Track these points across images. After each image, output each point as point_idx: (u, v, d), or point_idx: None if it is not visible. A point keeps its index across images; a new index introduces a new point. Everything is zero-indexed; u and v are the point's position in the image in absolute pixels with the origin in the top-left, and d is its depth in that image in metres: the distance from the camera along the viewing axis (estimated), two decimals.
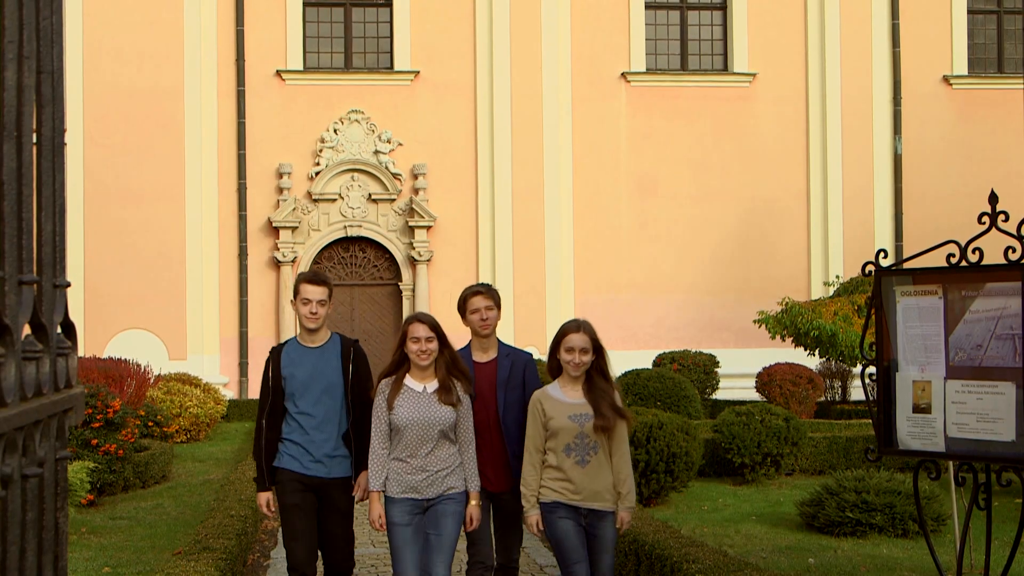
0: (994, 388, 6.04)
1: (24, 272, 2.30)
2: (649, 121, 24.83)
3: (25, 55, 2.32)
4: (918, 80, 25.42)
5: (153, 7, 23.53)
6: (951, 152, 24.79)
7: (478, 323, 7.40)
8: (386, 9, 24.67)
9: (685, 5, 25.52)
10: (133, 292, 23.11)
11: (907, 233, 24.69)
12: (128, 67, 23.33)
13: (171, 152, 23.59)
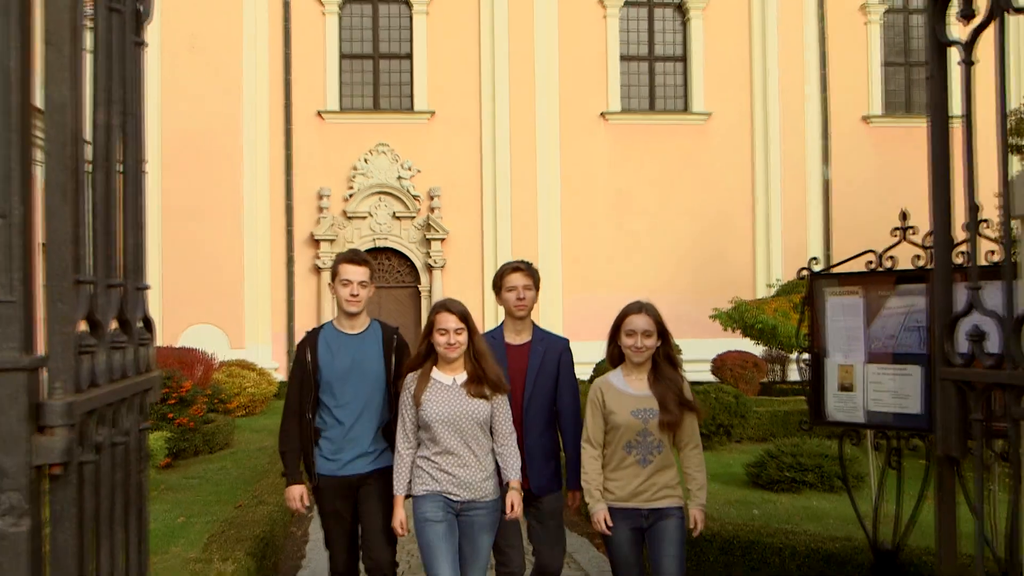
0: (904, 371, 6.05)
1: (112, 278, 2.31)
2: (624, 151, 24.81)
3: (113, 100, 2.33)
4: (842, 119, 25.44)
5: (217, 58, 23.54)
6: (869, 178, 24.79)
7: (514, 302, 5.86)
8: (407, 61, 24.66)
9: (652, 57, 25.50)
10: (201, 293, 23.11)
11: (835, 243, 24.69)
12: (197, 108, 23.32)
13: (232, 177, 23.60)
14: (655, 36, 25.55)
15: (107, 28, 2.28)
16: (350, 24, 24.76)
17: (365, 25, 24.80)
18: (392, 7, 24.80)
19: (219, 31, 23.66)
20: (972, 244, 2.97)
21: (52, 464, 1.89)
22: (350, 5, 24.71)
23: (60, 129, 1.96)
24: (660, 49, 25.56)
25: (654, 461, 5.39)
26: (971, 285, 2.89)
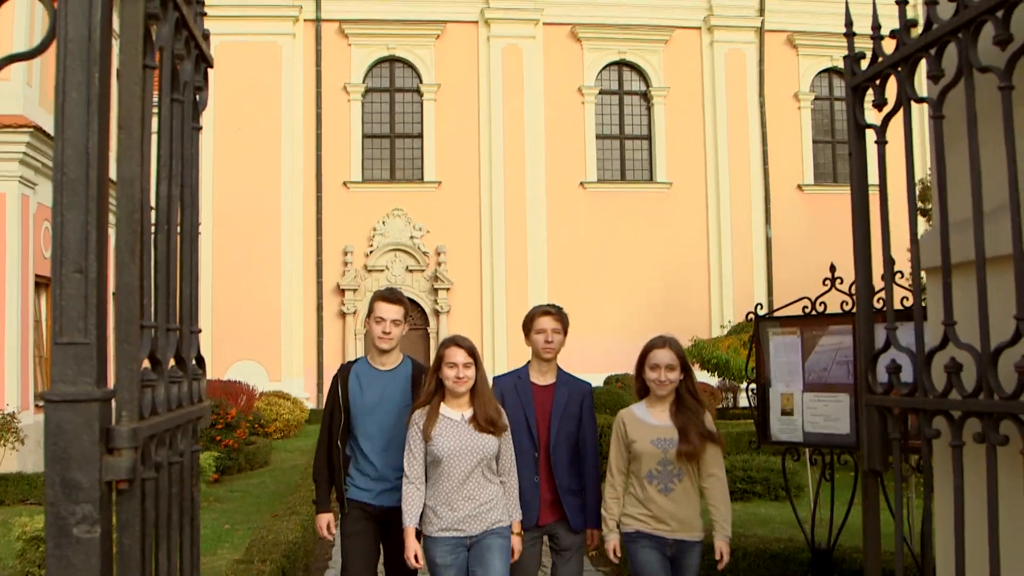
0: (835, 398, 6.06)
1: (170, 322, 2.32)
2: (599, 214, 24.90)
3: (173, 175, 2.35)
4: (781, 187, 25.58)
5: (260, 138, 23.67)
6: (804, 236, 24.88)
7: (542, 344, 5.17)
8: (419, 139, 24.80)
9: (623, 136, 25.65)
10: (245, 334, 23.07)
11: (776, 291, 24.73)
12: (243, 178, 23.41)
13: (272, 236, 23.64)
14: (625, 119, 25.72)
15: (169, 115, 2.30)
16: (371, 109, 24.91)
17: (384, 110, 24.94)
18: (406, 95, 24.97)
19: (262, 115, 23.79)
20: (888, 292, 3.00)
21: (119, 480, 1.89)
22: (371, 93, 24.87)
23: (129, 199, 1.98)
24: (629, 129, 25.72)
25: (675, 490, 4.78)
26: (888, 326, 2.92)
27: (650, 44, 25.46)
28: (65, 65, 1.86)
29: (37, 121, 15.09)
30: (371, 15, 24.44)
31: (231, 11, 23.22)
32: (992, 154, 2.58)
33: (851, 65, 3.13)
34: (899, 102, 2.85)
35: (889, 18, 2.90)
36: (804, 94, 25.96)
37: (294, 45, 24.33)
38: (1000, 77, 2.42)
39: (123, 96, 1.99)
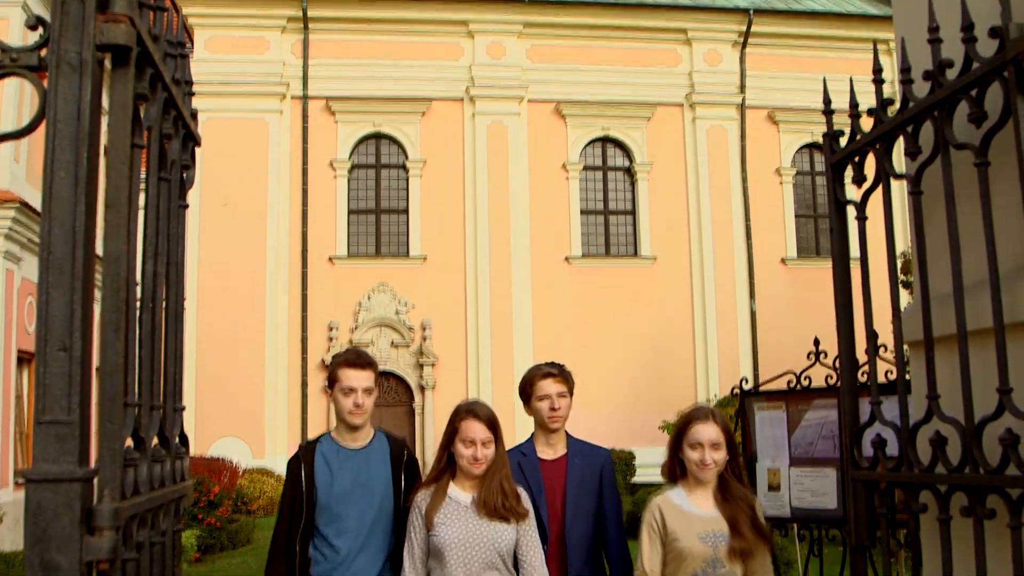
0: (821, 473, 6.04)
1: (154, 400, 2.31)
2: (585, 289, 24.97)
3: (159, 252, 2.36)
4: (764, 261, 25.74)
5: (246, 213, 23.74)
6: (788, 309, 24.96)
7: (546, 413, 4.38)
8: (404, 214, 24.92)
9: (607, 211, 25.85)
10: (228, 410, 22.88)
11: (761, 364, 24.72)
12: (228, 253, 23.42)
13: (256, 312, 23.59)
14: (609, 194, 25.93)
15: (156, 194, 2.32)
16: (357, 185, 25.06)
17: (369, 185, 25.10)
18: (392, 171, 25.15)
19: (248, 191, 23.90)
20: (872, 366, 3.02)
21: (100, 561, 1.87)
22: (357, 169, 25.05)
23: (115, 277, 1.99)
24: (613, 204, 25.92)
25: None
26: (873, 400, 2.93)
27: (633, 121, 25.78)
28: (54, 145, 1.88)
29: (24, 196, 15.14)
30: (357, 93, 24.71)
31: (219, 88, 23.45)
32: (971, 229, 2.62)
33: (830, 143, 3.19)
34: (878, 178, 2.89)
35: (866, 95, 2.96)
36: (786, 169, 26.27)
37: (281, 122, 24.55)
38: (976, 154, 2.46)
39: (111, 175, 2.01)
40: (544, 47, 25.65)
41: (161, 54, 2.23)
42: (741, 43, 26.25)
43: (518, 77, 25.29)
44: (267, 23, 24.60)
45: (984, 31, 2.46)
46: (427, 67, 25.11)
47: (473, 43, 25.35)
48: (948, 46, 2.63)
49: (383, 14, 24.83)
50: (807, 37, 26.42)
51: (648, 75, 25.87)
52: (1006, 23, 2.34)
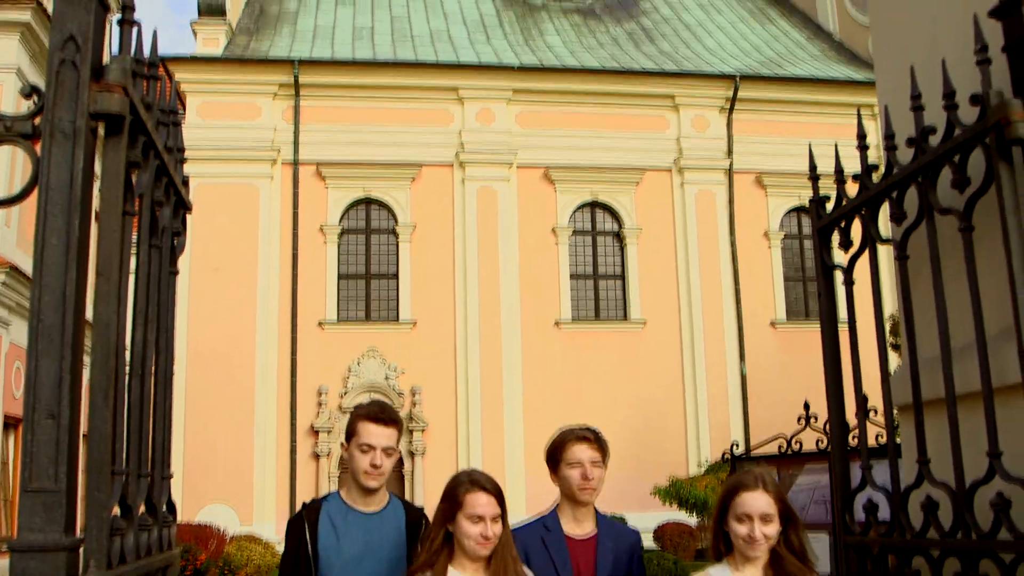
0: (815, 537, 5.99)
1: (142, 468, 2.30)
2: (575, 354, 24.94)
3: (149, 319, 2.36)
4: (754, 324, 25.79)
5: (236, 278, 23.73)
6: (778, 372, 24.95)
7: (578, 483, 3.75)
8: (394, 280, 24.94)
9: (596, 276, 25.92)
10: (216, 476, 22.66)
11: (752, 427, 24.64)
12: (218, 318, 23.36)
13: (245, 377, 23.47)
14: (598, 258, 26.03)
15: (148, 261, 2.33)
16: (347, 250, 25.12)
17: (359, 251, 25.16)
18: (382, 235, 25.23)
19: (238, 256, 23.92)
20: (862, 430, 3.01)
21: None
22: (347, 234, 25.13)
23: (105, 344, 1.98)
24: (603, 269, 26.00)
25: None
26: (863, 465, 2.92)
27: (622, 186, 25.97)
28: (46, 212, 1.89)
29: (14, 260, 15.13)
30: (348, 158, 24.88)
31: (210, 153, 23.58)
32: (957, 292, 2.64)
33: (816, 208, 3.22)
34: (864, 243, 2.92)
35: (851, 159, 3.00)
36: (774, 232, 26.44)
37: (271, 187, 24.66)
38: (960, 219, 2.49)
39: (102, 242, 2.01)
40: (533, 113, 25.92)
41: (154, 122, 2.25)
42: (728, 108, 26.57)
43: (507, 142, 25.51)
44: (259, 89, 24.84)
45: (965, 98, 2.50)
46: (417, 133, 25.33)
47: (463, 109, 25.60)
48: (930, 112, 2.67)
49: (374, 80, 25.11)
50: (793, 102, 26.77)
51: (636, 140, 26.13)
52: (986, 91, 2.39)
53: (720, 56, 28.84)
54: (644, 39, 29.77)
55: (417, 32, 28.34)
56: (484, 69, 25.65)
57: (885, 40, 3.43)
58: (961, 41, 2.73)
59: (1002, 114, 2.33)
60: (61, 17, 1.96)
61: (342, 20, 28.71)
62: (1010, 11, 2.43)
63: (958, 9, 2.85)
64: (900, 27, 3.32)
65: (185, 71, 24.33)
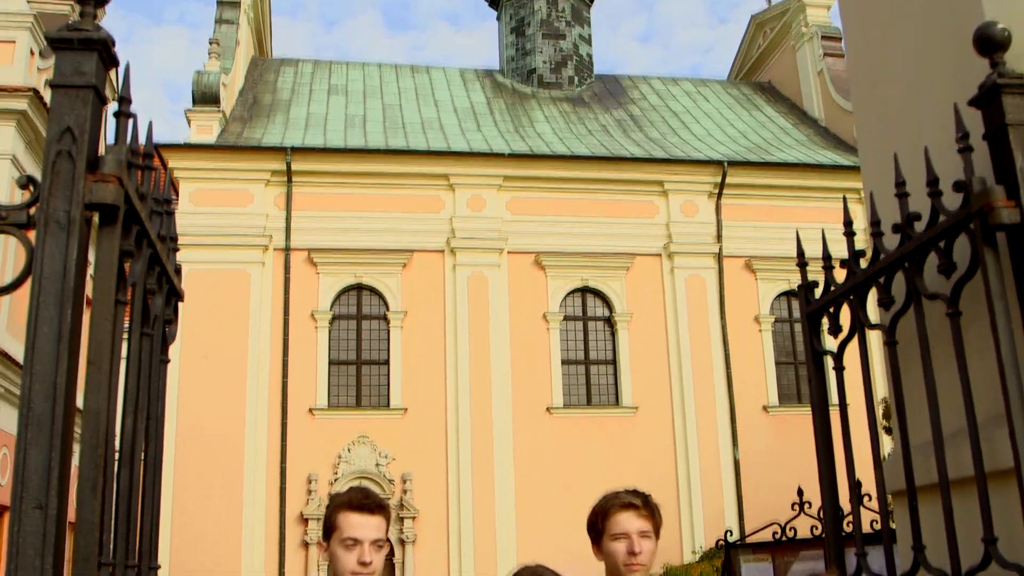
0: None
1: (129, 559, 2.27)
2: (566, 439, 24.78)
3: (140, 407, 2.35)
4: (746, 408, 25.71)
5: (226, 365, 23.63)
6: (771, 457, 24.81)
7: (623, 558, 3.27)
8: (385, 366, 24.87)
9: (588, 361, 25.89)
10: (204, 563, 22.28)
11: (746, 512, 24.41)
12: (208, 404, 23.21)
13: (235, 463, 23.23)
14: (589, 344, 26.03)
15: (139, 349, 2.33)
16: (338, 336, 25.09)
17: (350, 336, 25.13)
18: (373, 322, 25.23)
19: (229, 342, 23.86)
20: (856, 516, 3.00)
21: None
22: (338, 321, 25.12)
23: (94, 433, 1.98)
24: (594, 355, 25.99)
25: None
26: (859, 551, 2.90)
27: (612, 271, 26.11)
28: (39, 301, 1.90)
29: (3, 346, 15.07)
30: (340, 244, 25.01)
31: (202, 240, 23.69)
32: (948, 376, 2.64)
33: (805, 294, 3.25)
34: (853, 329, 2.94)
35: (839, 242, 3.03)
36: (764, 317, 26.52)
37: (263, 273, 24.73)
38: (947, 304, 2.51)
39: (94, 331, 2.02)
40: (524, 199, 26.16)
41: (148, 212, 2.28)
42: (716, 194, 26.86)
43: (498, 229, 25.69)
44: (252, 176, 25.05)
45: (949, 184, 2.54)
46: (409, 219, 25.50)
47: (454, 196, 25.83)
48: (915, 198, 2.71)
49: (366, 168, 25.37)
50: (780, 187, 27.08)
51: (626, 226, 26.33)
52: (969, 178, 2.43)
53: (708, 142, 29.27)
54: (633, 126, 30.23)
55: (409, 120, 28.74)
56: (475, 156, 25.96)
57: (868, 128, 3.49)
58: (943, 128, 2.79)
59: (985, 201, 2.37)
60: (59, 109, 1.99)
61: (334, 109, 29.13)
62: (989, 100, 2.49)
63: (939, 98, 2.92)
64: (883, 115, 3.38)
65: (179, 158, 24.56)
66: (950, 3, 2.90)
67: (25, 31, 18.05)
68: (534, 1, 33.67)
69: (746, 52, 37.06)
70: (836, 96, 30.80)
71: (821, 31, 32.18)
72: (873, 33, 3.48)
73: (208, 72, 26.29)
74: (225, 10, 29.20)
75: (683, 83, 34.82)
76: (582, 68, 33.47)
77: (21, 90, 17.48)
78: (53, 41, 2.02)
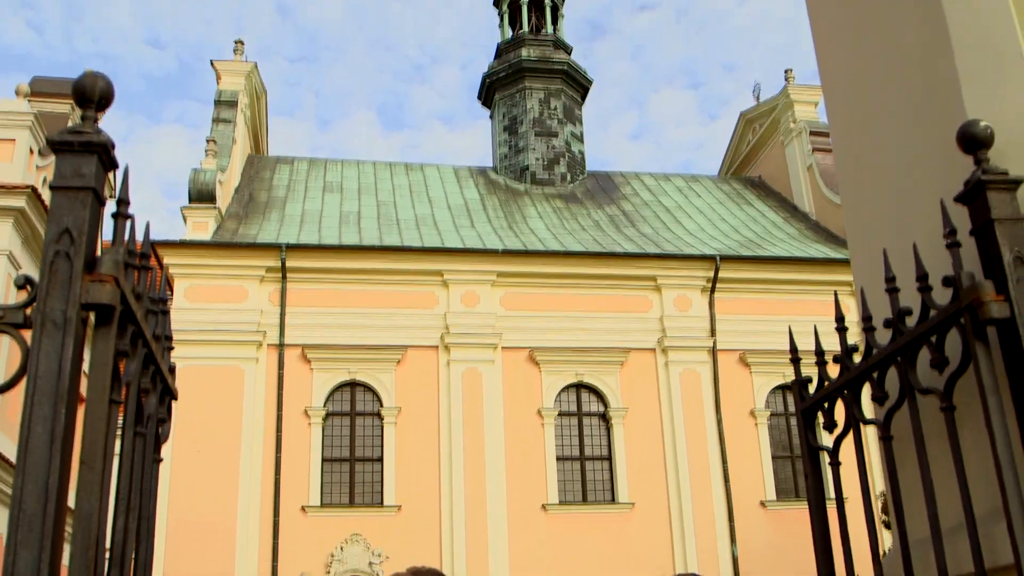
0: None
1: None
2: (562, 536, 24.46)
3: (131, 507, 2.33)
4: (743, 504, 25.44)
5: (218, 460, 23.41)
6: (770, 552, 24.50)
7: None
8: (379, 463, 24.66)
9: (583, 458, 25.68)
10: None
11: None
12: (199, 500, 22.92)
13: (226, 563, 22.82)
14: (585, 440, 25.88)
15: (132, 449, 2.32)
16: (331, 432, 24.92)
17: (344, 433, 24.97)
18: (367, 418, 25.09)
19: (222, 439, 23.68)
20: None
21: None
22: (332, 417, 24.98)
23: (86, 534, 1.96)
24: (589, 450, 25.81)
25: None
26: None
27: (607, 366, 26.08)
28: (33, 401, 1.90)
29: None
30: (334, 341, 25.00)
31: (196, 336, 23.66)
32: (945, 471, 2.64)
33: (799, 390, 3.25)
34: (848, 424, 2.94)
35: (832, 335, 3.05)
36: (760, 411, 26.43)
37: (257, 369, 24.66)
38: (941, 399, 2.52)
39: (87, 430, 2.02)
40: (518, 295, 26.27)
41: (143, 311, 2.29)
42: (710, 288, 27.00)
43: (492, 325, 25.73)
44: (247, 273, 25.16)
45: (938, 279, 2.57)
46: (403, 316, 25.55)
47: (448, 292, 25.93)
48: (905, 293, 2.74)
49: (360, 264, 25.50)
50: (773, 281, 27.24)
51: (620, 321, 26.40)
52: (958, 273, 2.46)
53: (700, 237, 29.53)
54: (625, 222, 30.53)
55: (403, 217, 29.01)
56: (469, 253, 26.14)
57: (857, 224, 3.54)
58: (930, 223, 2.83)
59: (975, 295, 2.39)
60: (58, 210, 2.02)
61: (330, 206, 29.41)
62: (975, 197, 2.53)
63: (925, 193, 2.97)
64: (871, 211, 3.43)
65: (174, 255, 24.69)
66: (933, 101, 2.97)
67: (25, 130, 18.33)
68: (526, 100, 34.27)
69: (736, 148, 37.65)
70: (826, 191, 31.20)
71: (809, 127, 32.73)
72: (859, 130, 3.55)
73: (205, 170, 26.61)
74: (223, 110, 29.68)
75: (675, 179, 35.29)
76: (574, 165, 33.92)
77: (19, 188, 17.67)
78: (54, 144, 2.06)
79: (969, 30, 2.84)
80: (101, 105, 2.13)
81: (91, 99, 2.10)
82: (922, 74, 3.02)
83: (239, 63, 31.21)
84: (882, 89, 3.30)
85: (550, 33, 36.62)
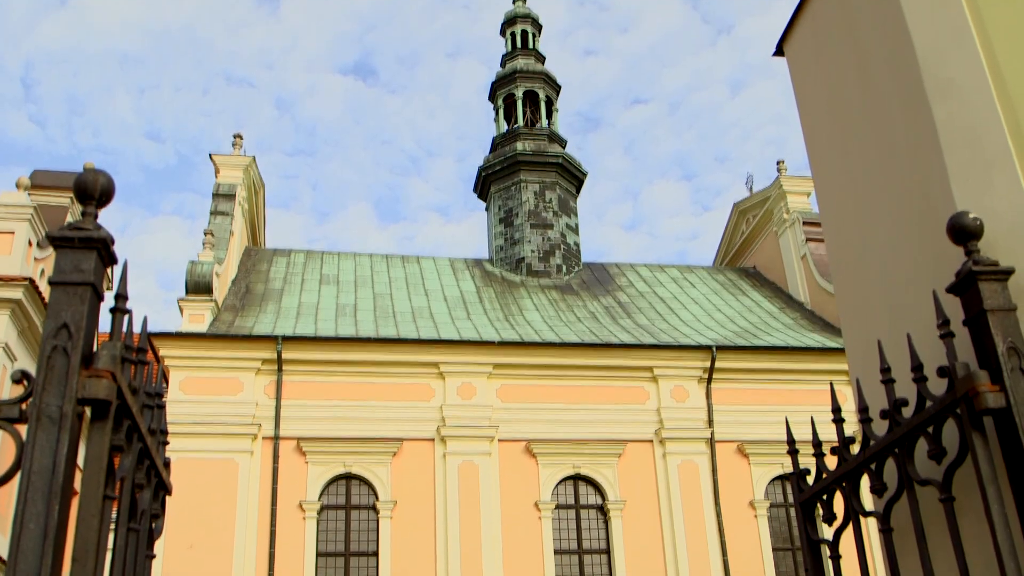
0: None
1: None
2: None
3: None
4: None
5: (211, 555, 23.03)
6: None
7: None
8: (374, 557, 24.28)
9: (581, 551, 25.30)
10: None
11: None
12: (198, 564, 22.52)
13: None
14: (583, 532, 25.53)
15: (124, 544, 2.30)
16: (326, 527, 24.58)
17: (339, 527, 24.62)
18: (362, 512, 24.78)
19: (215, 532, 23.34)
20: None
21: None
22: (326, 511, 24.67)
23: None
24: (587, 543, 25.45)
25: None
26: None
27: (604, 458, 25.87)
28: (26, 496, 1.88)
29: None
30: (329, 433, 24.81)
31: (190, 428, 23.50)
32: (946, 563, 2.61)
33: (797, 482, 3.23)
34: (847, 516, 2.91)
35: (829, 424, 3.03)
36: (759, 502, 26.14)
37: (251, 462, 24.42)
38: (940, 490, 2.50)
39: (80, 527, 1.99)
40: (514, 387, 26.17)
41: (139, 406, 2.28)
42: (706, 379, 26.93)
43: (489, 417, 25.59)
44: (242, 365, 25.08)
45: (933, 368, 2.57)
46: (399, 408, 25.41)
47: (444, 384, 25.83)
48: (901, 384, 2.74)
49: (356, 356, 25.44)
50: (769, 371, 27.18)
51: (617, 412, 26.27)
52: (952, 363, 2.46)
53: (696, 328, 29.55)
54: (621, 313, 30.57)
55: (399, 309, 29.03)
56: (465, 345, 26.10)
57: (851, 314, 3.55)
58: (924, 313, 2.85)
59: (970, 386, 2.39)
60: (56, 305, 2.03)
61: (326, 298, 29.46)
62: (966, 288, 2.55)
63: (917, 284, 2.99)
64: (864, 302, 3.45)
65: (170, 347, 24.63)
66: (922, 193, 3.02)
67: (25, 222, 18.45)
68: (522, 192, 34.62)
69: (730, 239, 37.93)
70: (820, 280, 31.33)
71: (803, 217, 33.01)
72: (850, 223, 3.59)
73: (202, 262, 26.70)
74: (220, 202, 29.93)
75: (669, 270, 35.45)
76: (570, 256, 34.11)
77: (17, 280, 17.72)
78: (55, 240, 2.08)
79: (956, 126, 2.89)
80: (102, 201, 2.16)
81: (92, 195, 2.13)
82: (911, 168, 3.07)
83: (237, 156, 31.57)
84: (872, 183, 3.35)
85: (545, 127, 37.16)
